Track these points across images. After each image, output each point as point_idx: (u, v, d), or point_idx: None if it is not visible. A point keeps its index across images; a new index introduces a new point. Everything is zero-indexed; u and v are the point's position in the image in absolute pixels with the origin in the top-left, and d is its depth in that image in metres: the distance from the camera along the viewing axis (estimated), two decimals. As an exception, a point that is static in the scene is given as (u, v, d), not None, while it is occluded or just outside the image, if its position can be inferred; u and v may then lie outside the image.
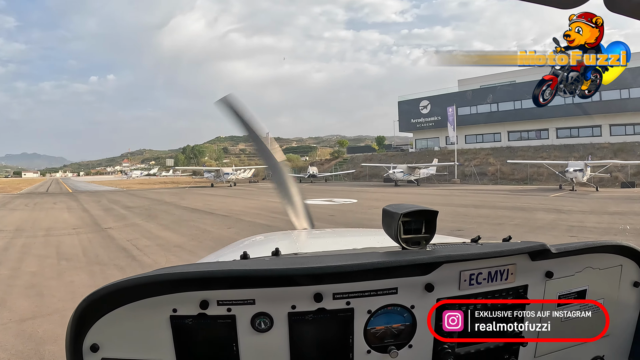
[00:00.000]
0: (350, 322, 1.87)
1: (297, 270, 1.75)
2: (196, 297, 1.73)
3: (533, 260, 2.07)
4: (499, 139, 70.89)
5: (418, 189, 50.55)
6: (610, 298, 2.27)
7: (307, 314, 1.82)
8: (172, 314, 1.73)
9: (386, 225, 2.07)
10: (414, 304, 1.94)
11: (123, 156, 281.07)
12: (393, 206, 2.06)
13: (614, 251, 2.27)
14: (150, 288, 1.68)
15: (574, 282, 2.19)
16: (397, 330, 1.94)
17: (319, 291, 1.81)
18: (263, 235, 3.90)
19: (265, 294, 1.77)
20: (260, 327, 1.79)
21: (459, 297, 1.99)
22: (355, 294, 1.85)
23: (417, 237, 2.04)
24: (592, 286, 2.23)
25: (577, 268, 2.20)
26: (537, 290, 2.12)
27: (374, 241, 2.19)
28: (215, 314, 1.75)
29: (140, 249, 14.84)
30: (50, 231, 19.56)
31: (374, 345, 1.92)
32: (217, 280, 1.71)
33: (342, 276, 1.79)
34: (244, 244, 3.35)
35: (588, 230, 16.99)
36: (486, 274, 2.01)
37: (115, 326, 1.69)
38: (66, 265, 12.49)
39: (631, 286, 2.34)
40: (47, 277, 11.16)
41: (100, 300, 1.65)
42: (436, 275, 1.92)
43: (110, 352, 1.70)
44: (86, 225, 21.93)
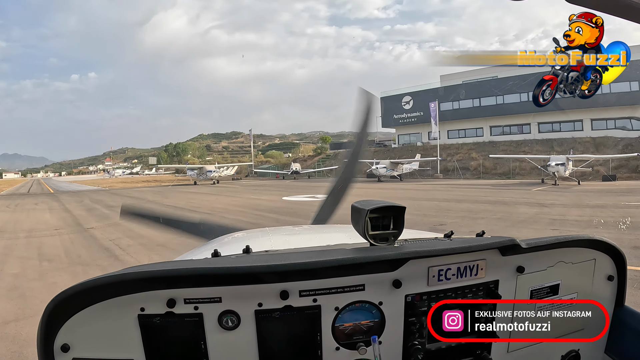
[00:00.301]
0: (317, 319, 1.88)
1: (261, 267, 1.75)
2: (163, 296, 1.73)
3: (503, 256, 2.07)
4: (482, 134, 71.10)
5: (401, 184, 50.76)
6: (584, 292, 2.28)
7: (274, 311, 1.82)
8: (140, 312, 1.73)
9: (355, 221, 2.07)
10: (382, 300, 1.94)
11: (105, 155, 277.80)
12: (361, 202, 2.06)
13: (587, 245, 2.27)
14: (117, 287, 1.68)
15: (546, 277, 2.19)
16: (366, 326, 1.94)
17: (285, 288, 1.81)
18: (241, 233, 3.87)
19: (231, 291, 1.77)
20: (227, 325, 1.79)
21: (428, 292, 1.99)
22: (322, 291, 1.86)
23: (385, 233, 2.05)
24: (565, 280, 2.23)
25: (549, 263, 2.20)
26: (508, 285, 2.12)
27: (352, 237, 2.19)
28: (183, 312, 1.76)
29: (123, 248, 14.75)
30: (31, 232, 19.35)
31: (343, 342, 1.93)
32: (182, 279, 1.71)
33: (307, 273, 1.79)
34: (221, 242, 3.37)
35: (570, 223, 17.18)
36: (455, 269, 2.01)
37: (85, 326, 1.69)
38: (48, 266, 12.40)
39: (605, 280, 2.34)
40: (29, 278, 11.06)
41: (68, 300, 1.64)
42: (404, 272, 1.92)
43: (80, 352, 1.70)
44: (68, 225, 21.74)
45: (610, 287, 2.36)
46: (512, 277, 2.13)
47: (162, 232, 17.68)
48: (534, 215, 20.12)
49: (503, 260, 2.09)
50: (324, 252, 1.98)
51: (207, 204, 31.07)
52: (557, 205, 23.56)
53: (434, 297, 2.01)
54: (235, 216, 23.00)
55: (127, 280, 1.68)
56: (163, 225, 4.79)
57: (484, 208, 23.51)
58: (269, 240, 3.07)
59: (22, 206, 35.45)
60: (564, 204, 24.39)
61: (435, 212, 22.43)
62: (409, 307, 1.98)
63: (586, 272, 2.30)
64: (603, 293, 2.34)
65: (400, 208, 2.03)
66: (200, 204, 31.17)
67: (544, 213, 20.64)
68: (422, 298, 1.99)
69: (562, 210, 21.62)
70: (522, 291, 2.16)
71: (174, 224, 4.81)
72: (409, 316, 1.98)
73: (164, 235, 16.13)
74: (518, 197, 28.93)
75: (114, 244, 15.77)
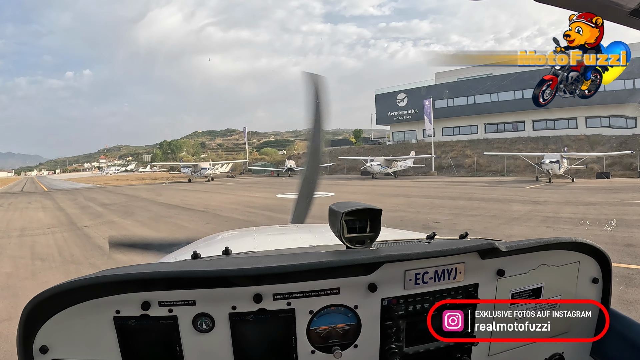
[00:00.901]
0: (292, 322, 1.87)
1: (233, 271, 1.75)
2: (138, 299, 1.73)
3: (483, 259, 2.05)
4: (476, 131, 71.24)
5: (395, 181, 50.72)
6: (568, 295, 2.26)
7: (248, 314, 1.82)
8: (116, 315, 1.73)
9: (332, 224, 2.06)
10: (357, 304, 1.93)
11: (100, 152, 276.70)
12: (338, 204, 2.05)
13: (570, 248, 2.24)
14: (92, 290, 1.68)
15: (528, 280, 2.18)
16: (342, 330, 1.94)
17: (258, 292, 1.81)
18: (226, 233, 3.87)
19: (205, 294, 1.78)
20: (202, 327, 1.79)
21: (405, 296, 1.98)
22: (296, 295, 1.86)
23: (362, 236, 2.02)
24: (548, 284, 2.21)
25: (531, 266, 2.18)
26: (488, 289, 2.11)
27: (334, 238, 2.14)
28: (157, 315, 1.76)
29: (116, 247, 14.61)
30: (24, 231, 19.26)
31: (318, 345, 1.92)
32: (156, 282, 1.71)
33: (280, 277, 1.79)
34: (203, 242, 3.38)
35: (563, 221, 17.22)
36: (433, 273, 1.99)
37: (63, 328, 1.70)
38: (41, 265, 12.34)
39: (590, 283, 2.32)
40: (21, 277, 11.03)
41: (45, 302, 1.64)
42: (379, 275, 1.92)
43: (59, 354, 1.71)
44: (61, 224, 21.63)
45: (595, 290, 2.35)
46: (492, 281, 2.12)
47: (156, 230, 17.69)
48: (528, 212, 20.18)
49: (482, 264, 2.08)
50: (298, 255, 1.99)
51: (201, 202, 31.02)
52: (550, 203, 23.63)
53: (411, 301, 1.99)
54: (229, 214, 22.98)
55: (102, 282, 1.68)
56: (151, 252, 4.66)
57: (477, 205, 23.55)
58: (252, 241, 3.06)
59: (15, 205, 35.24)
60: (557, 201, 24.46)
61: (429, 209, 22.49)
62: (385, 311, 1.97)
63: (570, 275, 2.28)
64: (588, 296, 2.33)
65: (377, 210, 2.02)
66: (194, 202, 31.11)
67: (537, 211, 20.69)
68: (398, 302, 1.98)
69: (555, 207, 21.67)
70: (502, 294, 2.15)
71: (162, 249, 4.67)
72: (386, 320, 1.97)
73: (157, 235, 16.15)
74: (512, 195, 28.96)
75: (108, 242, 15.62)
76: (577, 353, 2.36)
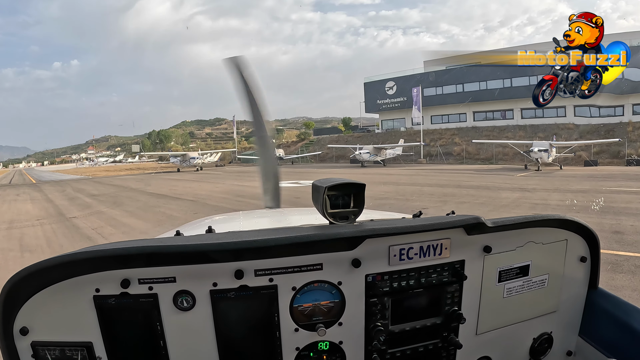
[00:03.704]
0: (274, 299, 1.85)
1: (213, 245, 1.71)
2: (117, 276, 1.70)
3: (469, 235, 2.03)
4: (465, 120, 71.43)
5: (384, 169, 50.85)
6: (555, 273, 2.26)
7: (229, 291, 1.80)
8: (95, 294, 1.70)
9: (315, 200, 2.01)
10: (341, 280, 1.91)
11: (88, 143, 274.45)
12: (321, 180, 2.00)
13: (558, 225, 2.23)
14: (70, 267, 1.65)
15: (515, 257, 2.16)
16: (326, 307, 1.92)
17: (239, 267, 1.78)
18: (212, 217, 3.83)
19: (185, 271, 1.75)
20: (182, 305, 1.77)
21: (389, 272, 1.96)
22: (278, 270, 1.83)
23: (345, 212, 1.98)
24: (535, 261, 2.20)
25: (518, 243, 2.16)
26: (474, 265, 2.09)
27: (320, 219, 2.10)
28: (137, 293, 1.73)
29: (105, 237, 14.66)
30: (13, 224, 19.09)
31: (302, 323, 1.90)
32: (134, 258, 1.67)
33: (261, 251, 1.75)
34: (188, 225, 3.34)
35: (551, 208, 17.36)
36: (418, 248, 1.97)
37: (43, 309, 1.67)
38: (30, 257, 12.20)
39: (578, 261, 2.31)
40: (10, 270, 10.64)
41: (23, 281, 1.61)
42: (363, 250, 1.89)
43: (39, 335, 1.68)
44: (50, 215, 21.50)
45: (584, 268, 2.34)
46: (478, 257, 2.10)
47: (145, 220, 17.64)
48: (516, 200, 20.31)
49: (468, 240, 2.05)
50: (279, 229, 1.97)
51: (190, 191, 30.91)
52: (539, 190, 23.81)
53: (396, 277, 1.97)
54: (217, 203, 22.95)
55: (80, 259, 1.64)
56: None
57: (466, 192, 23.68)
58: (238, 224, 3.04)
59: (3, 197, 34.85)
60: (546, 189, 24.62)
61: (418, 196, 22.59)
62: (370, 287, 1.94)
63: (558, 253, 2.27)
64: (575, 274, 2.33)
65: (360, 185, 1.97)
66: (183, 191, 30.97)
67: (525, 198, 20.84)
68: (383, 278, 1.96)
69: (544, 195, 21.86)
70: (489, 272, 2.13)
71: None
72: (370, 297, 1.95)
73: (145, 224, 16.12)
74: (500, 182, 29.10)
75: (97, 232, 15.69)
76: (565, 332, 2.37)
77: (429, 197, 22.08)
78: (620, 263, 9.28)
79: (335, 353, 1.97)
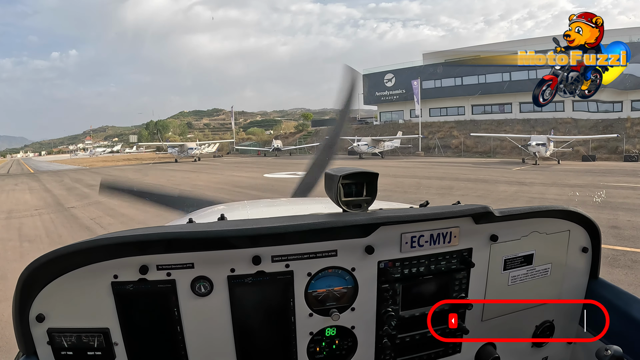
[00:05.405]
0: (290, 284, 1.89)
1: (232, 232, 1.73)
2: (136, 262, 1.73)
3: (477, 224, 2.09)
4: (463, 113, 71.32)
5: (382, 161, 50.91)
6: (558, 263, 2.32)
7: (246, 277, 1.83)
8: (113, 280, 1.72)
9: (328, 188, 2.06)
10: (354, 266, 1.95)
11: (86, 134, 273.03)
12: (334, 169, 2.05)
13: (561, 216, 2.29)
14: (89, 254, 1.67)
15: (520, 246, 2.22)
16: (339, 293, 1.96)
17: (257, 254, 1.81)
18: (219, 205, 3.86)
19: (204, 257, 1.78)
20: (200, 291, 1.80)
21: (401, 259, 2.01)
22: (294, 257, 1.87)
23: (358, 200, 2.03)
24: (539, 250, 2.26)
25: (523, 232, 2.22)
26: (481, 253, 2.15)
27: (329, 208, 2.20)
28: (155, 279, 1.76)
29: (104, 227, 14.69)
30: (11, 213, 19.08)
31: (316, 308, 1.94)
32: (154, 244, 1.71)
33: (278, 238, 1.80)
34: (198, 213, 3.37)
35: (549, 201, 17.30)
36: (428, 236, 2.02)
37: (59, 295, 1.69)
38: (29, 247, 12.27)
39: (580, 251, 2.38)
40: (9, 259, 10.96)
41: (41, 268, 1.63)
42: (376, 237, 1.94)
43: (56, 322, 1.70)
44: (48, 205, 21.50)
45: (585, 259, 2.41)
46: (485, 246, 2.16)
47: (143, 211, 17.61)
48: (514, 193, 20.40)
49: (476, 228, 2.11)
50: (296, 217, 1.99)
51: (188, 181, 30.92)
52: (536, 184, 23.88)
53: (407, 264, 2.02)
54: (216, 193, 22.80)
55: (99, 246, 1.66)
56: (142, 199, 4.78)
57: (464, 185, 23.75)
58: (246, 213, 3.06)
59: (1, 187, 34.75)
60: (543, 182, 24.70)
61: (416, 189, 22.68)
62: (382, 274, 1.99)
63: (560, 243, 2.33)
64: (577, 264, 2.39)
65: (373, 174, 2.03)
66: (181, 182, 31.00)
67: (523, 191, 20.92)
68: (394, 264, 2.01)
69: (541, 189, 21.94)
70: (495, 260, 2.19)
71: (153, 197, 4.78)
72: (382, 283, 2.00)
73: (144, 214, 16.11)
74: (498, 176, 29.18)
75: (95, 222, 15.72)
76: (566, 320, 2.43)
77: (427, 190, 22.13)
78: (617, 257, 9.36)
79: (347, 337, 2.02)
